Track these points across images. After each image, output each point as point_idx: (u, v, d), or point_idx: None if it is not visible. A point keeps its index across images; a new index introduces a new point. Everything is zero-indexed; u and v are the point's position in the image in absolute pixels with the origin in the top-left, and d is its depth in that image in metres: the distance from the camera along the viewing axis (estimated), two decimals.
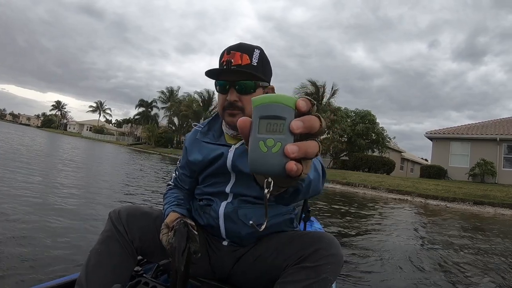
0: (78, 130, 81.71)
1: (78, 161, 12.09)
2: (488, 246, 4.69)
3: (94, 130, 71.57)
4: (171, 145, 47.48)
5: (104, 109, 76.96)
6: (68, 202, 4.38)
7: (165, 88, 56.25)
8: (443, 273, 3.23)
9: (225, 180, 1.21)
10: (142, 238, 1.16)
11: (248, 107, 1.12)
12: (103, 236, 1.15)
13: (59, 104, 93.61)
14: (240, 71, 1.09)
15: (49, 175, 6.86)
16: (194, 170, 1.29)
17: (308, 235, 1.09)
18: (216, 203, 1.20)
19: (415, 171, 35.22)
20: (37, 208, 3.76)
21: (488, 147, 18.26)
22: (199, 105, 45.89)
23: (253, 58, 1.10)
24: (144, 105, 57.33)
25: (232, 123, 1.16)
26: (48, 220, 3.34)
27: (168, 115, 51.86)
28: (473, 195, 12.48)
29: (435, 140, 20.32)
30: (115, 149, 32.17)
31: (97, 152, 22.66)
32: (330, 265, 0.99)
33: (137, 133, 62.83)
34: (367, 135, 23.52)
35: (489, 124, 20.87)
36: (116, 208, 1.21)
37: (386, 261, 3.47)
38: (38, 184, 5.41)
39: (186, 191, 1.35)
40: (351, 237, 4.49)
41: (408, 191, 13.41)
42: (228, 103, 1.13)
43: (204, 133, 1.30)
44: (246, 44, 1.14)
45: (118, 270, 1.10)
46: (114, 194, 5.87)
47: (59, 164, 9.54)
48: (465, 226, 6.81)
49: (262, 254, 1.14)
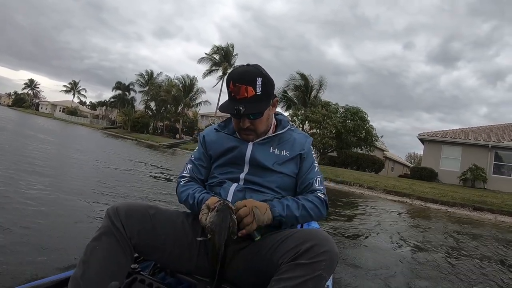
0: (51, 110, 77.85)
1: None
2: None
3: (67, 112, 68.41)
4: (147, 130, 45.70)
5: (79, 89, 74.52)
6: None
7: (144, 71, 53.86)
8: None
9: (238, 170, 1.33)
10: (140, 235, 1.16)
11: (259, 127, 1.31)
12: (100, 232, 1.13)
13: (32, 83, 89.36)
14: (248, 104, 1.21)
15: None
16: (209, 158, 1.42)
17: (303, 232, 1.10)
18: (228, 183, 1.31)
19: (396, 170, 35.41)
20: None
21: (479, 152, 18.38)
22: (179, 90, 44.21)
23: (257, 88, 1.21)
24: (121, 88, 55.00)
25: (248, 140, 1.34)
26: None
27: (145, 99, 49.89)
28: (471, 200, 12.33)
29: (427, 142, 20.23)
30: (91, 133, 30.67)
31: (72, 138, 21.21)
32: (325, 262, 0.99)
33: (112, 116, 60.52)
34: (356, 132, 22.96)
35: (480, 130, 21.03)
36: (114, 204, 1.19)
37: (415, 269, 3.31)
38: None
39: (201, 182, 1.41)
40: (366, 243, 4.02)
41: (406, 193, 13.00)
42: (243, 128, 1.30)
43: (222, 127, 1.43)
44: (249, 72, 1.23)
45: (114, 267, 1.09)
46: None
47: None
48: (484, 235, 6.40)
49: (258, 251, 1.15)
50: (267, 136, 1.35)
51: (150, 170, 9.52)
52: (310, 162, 1.38)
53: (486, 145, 18.24)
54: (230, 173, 1.32)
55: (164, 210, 1.28)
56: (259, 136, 1.34)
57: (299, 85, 26.78)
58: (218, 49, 38.49)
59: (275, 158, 1.33)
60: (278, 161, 1.32)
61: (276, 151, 1.34)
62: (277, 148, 1.34)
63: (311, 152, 1.41)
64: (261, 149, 1.32)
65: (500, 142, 18.04)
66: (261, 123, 1.30)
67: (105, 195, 4.66)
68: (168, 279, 1.34)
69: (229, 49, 38.62)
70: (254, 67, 1.25)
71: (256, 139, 1.34)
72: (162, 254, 1.21)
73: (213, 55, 38.52)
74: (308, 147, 1.40)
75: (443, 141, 19.66)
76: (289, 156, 1.34)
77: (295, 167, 1.36)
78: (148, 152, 18.58)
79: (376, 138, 23.58)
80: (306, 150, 1.38)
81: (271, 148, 1.34)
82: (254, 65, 1.27)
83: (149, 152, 18.35)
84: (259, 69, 1.25)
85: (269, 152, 1.33)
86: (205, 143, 1.42)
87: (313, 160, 1.41)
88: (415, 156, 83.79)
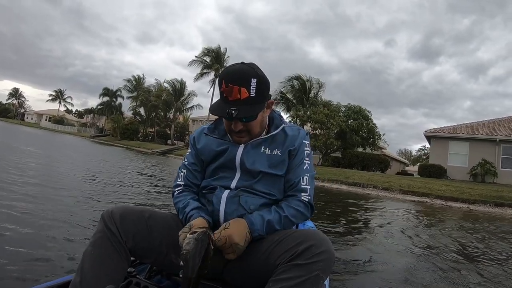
0: (37, 120, 75.98)
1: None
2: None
3: (54, 121, 67.19)
4: (136, 137, 44.58)
5: (65, 98, 73.14)
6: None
7: (131, 76, 52.34)
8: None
9: (230, 175, 1.28)
10: (135, 238, 1.16)
11: (253, 129, 1.24)
12: (96, 237, 1.13)
13: (17, 92, 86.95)
14: (241, 106, 1.15)
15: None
16: (202, 161, 1.36)
17: (299, 233, 1.10)
18: (220, 190, 1.26)
19: (393, 167, 35.16)
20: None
21: (487, 147, 18.19)
22: (169, 94, 43.19)
23: (251, 89, 1.15)
24: (109, 94, 53.46)
25: (240, 142, 1.28)
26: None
27: (134, 105, 48.68)
28: (490, 197, 12.13)
29: (433, 139, 19.94)
30: (81, 143, 29.79)
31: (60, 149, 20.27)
32: (321, 262, 1.00)
33: (100, 124, 59.07)
34: (358, 131, 22.45)
35: (485, 124, 20.83)
36: (108, 208, 1.18)
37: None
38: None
39: (196, 188, 1.38)
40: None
41: (424, 192, 12.60)
42: (234, 131, 1.24)
43: (211, 130, 1.37)
44: (243, 72, 1.16)
45: (111, 271, 1.09)
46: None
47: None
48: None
49: (255, 252, 1.14)
50: (259, 137, 1.28)
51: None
52: (299, 158, 1.30)
53: (494, 139, 18.05)
54: (222, 178, 1.29)
55: (159, 213, 1.28)
56: (252, 138, 1.28)
57: (296, 85, 26.23)
58: (208, 51, 37.65)
59: (267, 160, 1.27)
60: (269, 162, 1.27)
61: (268, 151, 1.27)
62: (268, 148, 1.28)
63: (303, 147, 1.32)
64: (252, 151, 1.27)
65: (508, 136, 17.86)
66: (255, 126, 1.24)
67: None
68: (164, 281, 1.33)
69: (220, 51, 37.82)
70: (248, 66, 1.18)
71: (248, 141, 1.28)
72: (157, 257, 1.20)
73: (204, 58, 37.66)
74: (299, 142, 1.31)
75: (450, 137, 19.39)
76: (280, 156, 1.28)
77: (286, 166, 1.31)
78: (144, 160, 17.78)
79: (379, 136, 23.15)
80: (296, 146, 1.30)
81: (262, 148, 1.28)
82: (249, 63, 1.20)
83: (147, 161, 17.54)
84: (254, 68, 1.18)
85: (260, 153, 1.27)
86: (196, 147, 1.38)
87: (303, 156, 1.32)
88: (406, 152, 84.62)
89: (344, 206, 8.25)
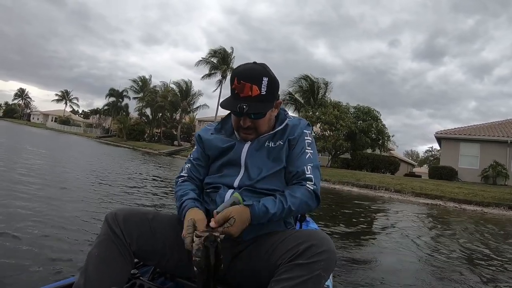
0: (43, 120, 76.19)
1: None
2: None
3: (60, 121, 67.38)
4: (143, 138, 44.63)
5: (71, 98, 73.50)
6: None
7: (137, 77, 52.34)
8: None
9: (235, 173, 1.28)
10: (139, 240, 1.16)
11: (260, 127, 1.27)
12: (100, 239, 1.14)
13: (23, 93, 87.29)
14: (252, 103, 1.18)
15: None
16: (207, 157, 1.38)
17: (301, 233, 1.10)
18: (224, 189, 1.26)
19: (401, 169, 34.87)
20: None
21: (498, 149, 18.03)
22: (176, 95, 43.22)
23: (262, 87, 1.18)
24: (115, 95, 53.58)
25: (247, 139, 1.30)
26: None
27: (140, 106, 48.73)
28: (504, 199, 12.01)
29: (444, 141, 19.79)
30: (87, 144, 30.00)
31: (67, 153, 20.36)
32: (323, 262, 1.00)
33: (106, 124, 59.22)
34: (368, 132, 22.32)
35: (497, 125, 20.66)
36: (112, 210, 1.20)
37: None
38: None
39: (199, 182, 1.38)
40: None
41: (437, 195, 12.49)
42: (243, 127, 1.27)
43: (217, 130, 1.40)
44: (255, 70, 1.21)
45: (115, 273, 1.10)
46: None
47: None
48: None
49: (257, 252, 1.15)
50: (265, 135, 1.30)
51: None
52: (300, 147, 1.30)
53: (505, 140, 17.91)
54: (226, 176, 1.30)
55: (163, 215, 1.29)
56: (258, 136, 1.30)
57: (305, 85, 26.11)
58: (215, 52, 37.63)
59: (271, 154, 1.28)
60: (273, 155, 1.28)
61: (271, 144, 1.29)
62: (272, 141, 1.29)
63: (303, 136, 1.32)
64: (258, 150, 1.28)
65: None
66: (262, 124, 1.27)
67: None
68: (168, 283, 1.34)
69: (227, 52, 37.78)
70: (260, 66, 1.23)
71: (255, 138, 1.30)
72: (161, 259, 1.21)
73: (211, 59, 37.63)
74: (299, 131, 1.32)
75: (461, 138, 19.23)
76: (282, 145, 1.29)
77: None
78: (151, 161, 17.80)
79: (388, 138, 23.00)
80: (296, 135, 1.31)
81: (266, 142, 1.29)
82: (260, 63, 1.25)
83: (155, 163, 17.56)
84: (266, 68, 1.23)
85: (264, 147, 1.28)
86: (202, 142, 1.39)
87: (304, 145, 1.31)
88: (413, 153, 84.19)
89: (356, 208, 8.27)
